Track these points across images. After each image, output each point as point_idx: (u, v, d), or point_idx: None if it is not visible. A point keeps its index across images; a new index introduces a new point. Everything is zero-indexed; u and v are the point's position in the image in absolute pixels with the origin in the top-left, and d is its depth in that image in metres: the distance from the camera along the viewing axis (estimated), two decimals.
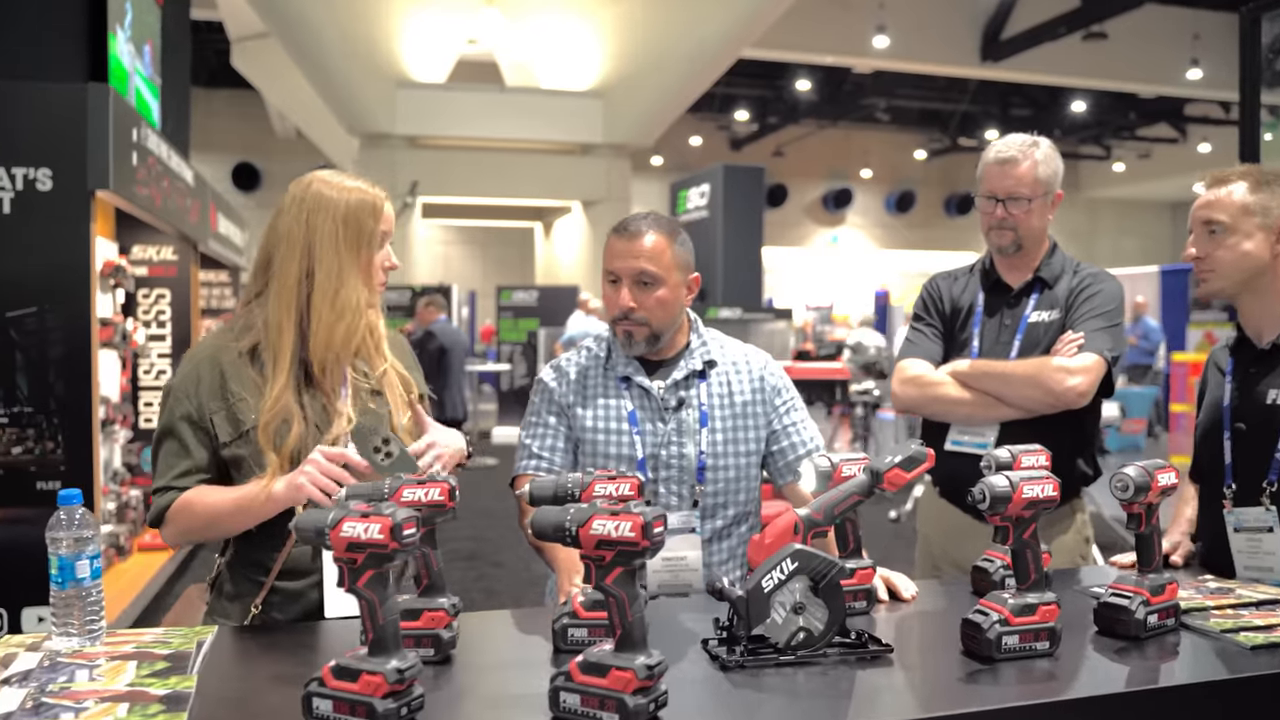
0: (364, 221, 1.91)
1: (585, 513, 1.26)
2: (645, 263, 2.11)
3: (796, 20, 14.68)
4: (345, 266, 1.89)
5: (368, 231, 1.91)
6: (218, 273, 8.56)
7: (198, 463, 1.88)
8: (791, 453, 2.22)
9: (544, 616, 1.76)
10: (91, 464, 4.50)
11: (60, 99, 4.40)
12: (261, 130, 20.89)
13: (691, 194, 11.72)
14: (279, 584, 1.88)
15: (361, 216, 1.91)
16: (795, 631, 1.53)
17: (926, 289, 2.74)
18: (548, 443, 2.20)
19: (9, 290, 4.33)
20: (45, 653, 1.47)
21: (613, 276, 2.16)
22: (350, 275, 1.90)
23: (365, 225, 1.91)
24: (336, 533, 1.23)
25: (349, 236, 1.90)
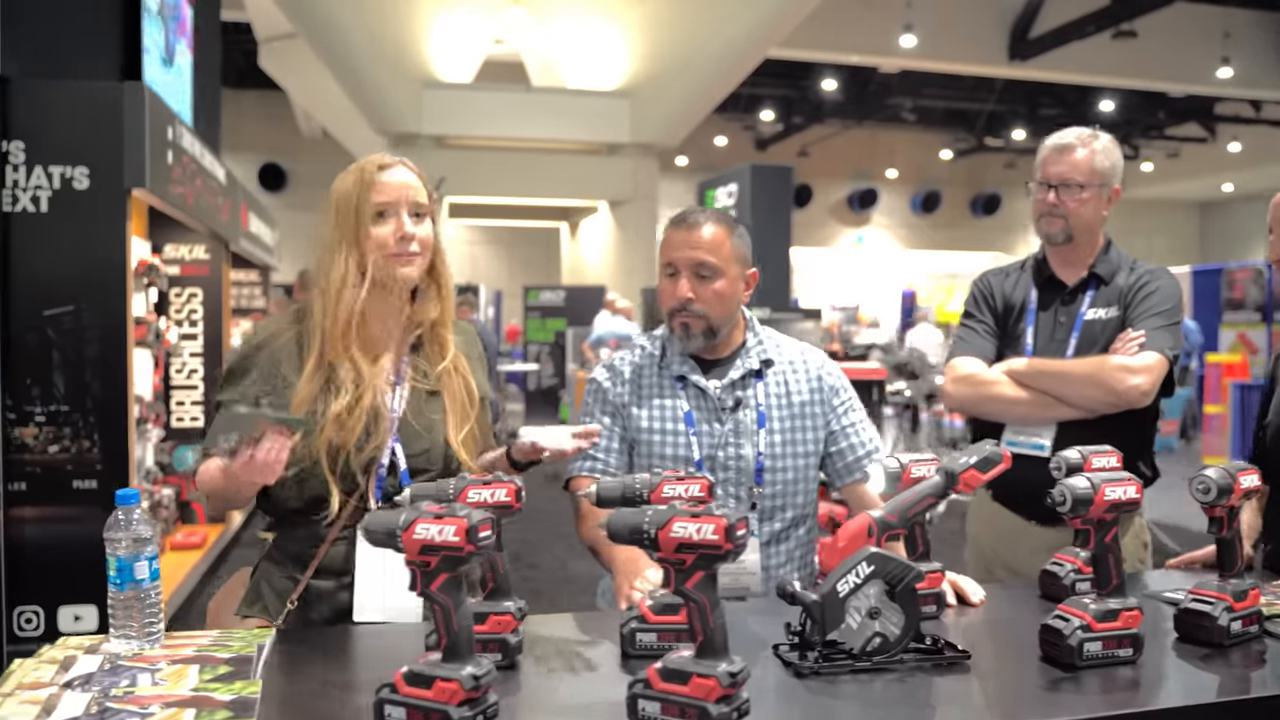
0: (349, 195, 1.86)
1: (665, 515, 1.22)
2: (704, 253, 2.07)
3: (823, 20, 14.59)
4: (334, 245, 1.86)
5: (353, 204, 1.86)
6: (248, 272, 8.57)
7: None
8: (851, 454, 2.17)
9: (606, 619, 1.72)
10: (127, 463, 4.50)
11: (97, 97, 4.40)
12: (288, 131, 20.96)
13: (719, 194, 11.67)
14: (313, 581, 1.86)
15: (349, 193, 1.87)
16: (870, 637, 1.49)
17: (977, 285, 2.69)
18: (602, 444, 2.16)
19: (46, 289, 4.34)
20: (105, 655, 1.43)
21: (670, 268, 2.11)
22: (339, 253, 1.85)
23: (351, 199, 1.86)
24: (409, 534, 1.19)
25: (340, 217, 1.87)
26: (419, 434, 1.89)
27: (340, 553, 1.85)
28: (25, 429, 4.38)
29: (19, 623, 4.33)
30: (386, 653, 1.61)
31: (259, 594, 1.91)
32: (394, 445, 1.86)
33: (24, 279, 4.31)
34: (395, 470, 1.86)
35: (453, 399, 1.93)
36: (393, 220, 1.87)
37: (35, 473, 4.37)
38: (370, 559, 1.82)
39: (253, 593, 1.92)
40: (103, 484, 4.45)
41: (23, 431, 4.37)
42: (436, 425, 1.91)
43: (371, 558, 1.82)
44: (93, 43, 5.16)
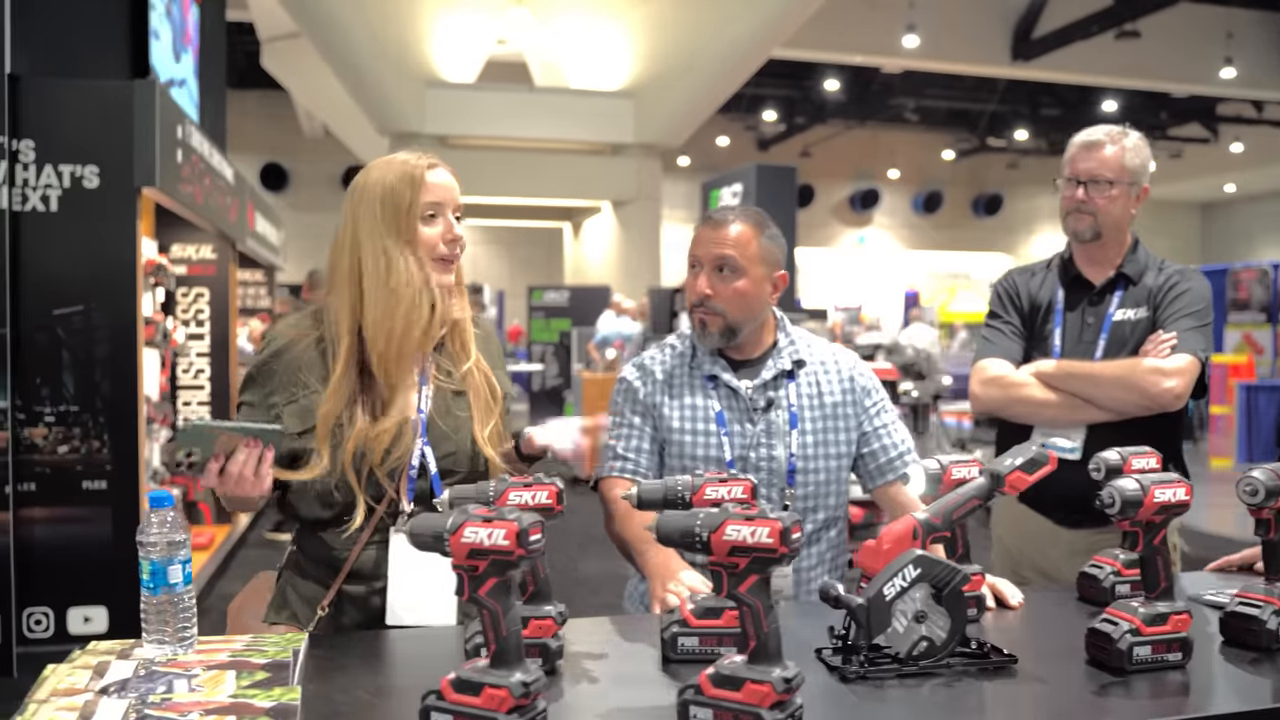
0: (401, 194, 1.81)
1: (718, 517, 1.19)
2: (728, 250, 2.05)
3: (826, 20, 14.57)
4: (389, 245, 1.80)
5: (406, 203, 1.81)
6: (253, 272, 8.54)
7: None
8: (883, 455, 2.15)
9: (643, 623, 1.69)
10: (137, 464, 4.48)
11: (107, 96, 4.38)
12: (289, 131, 20.94)
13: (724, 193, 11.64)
14: (345, 586, 1.83)
15: (399, 190, 1.81)
16: (917, 641, 1.46)
17: (1002, 285, 2.66)
18: (633, 444, 2.14)
19: (56, 288, 4.32)
20: (138, 661, 1.41)
21: (693, 262, 2.10)
22: (397, 253, 1.80)
23: (403, 198, 1.81)
24: (457, 538, 1.17)
25: (387, 214, 1.81)
26: (446, 435, 1.86)
27: (371, 557, 1.82)
28: (35, 429, 4.35)
29: (28, 624, 4.30)
30: (423, 657, 1.59)
31: (285, 600, 1.88)
32: (424, 448, 1.83)
33: (34, 278, 4.29)
34: (425, 473, 1.83)
35: (477, 397, 1.90)
36: (441, 222, 1.85)
37: (45, 473, 4.35)
38: (403, 563, 1.80)
39: (279, 599, 1.89)
40: (112, 485, 4.42)
41: (32, 432, 4.35)
42: (463, 425, 1.88)
43: (405, 561, 1.80)
44: (102, 41, 5.14)
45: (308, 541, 1.88)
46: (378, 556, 1.82)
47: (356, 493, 1.77)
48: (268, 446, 1.61)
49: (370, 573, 1.82)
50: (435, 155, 1.89)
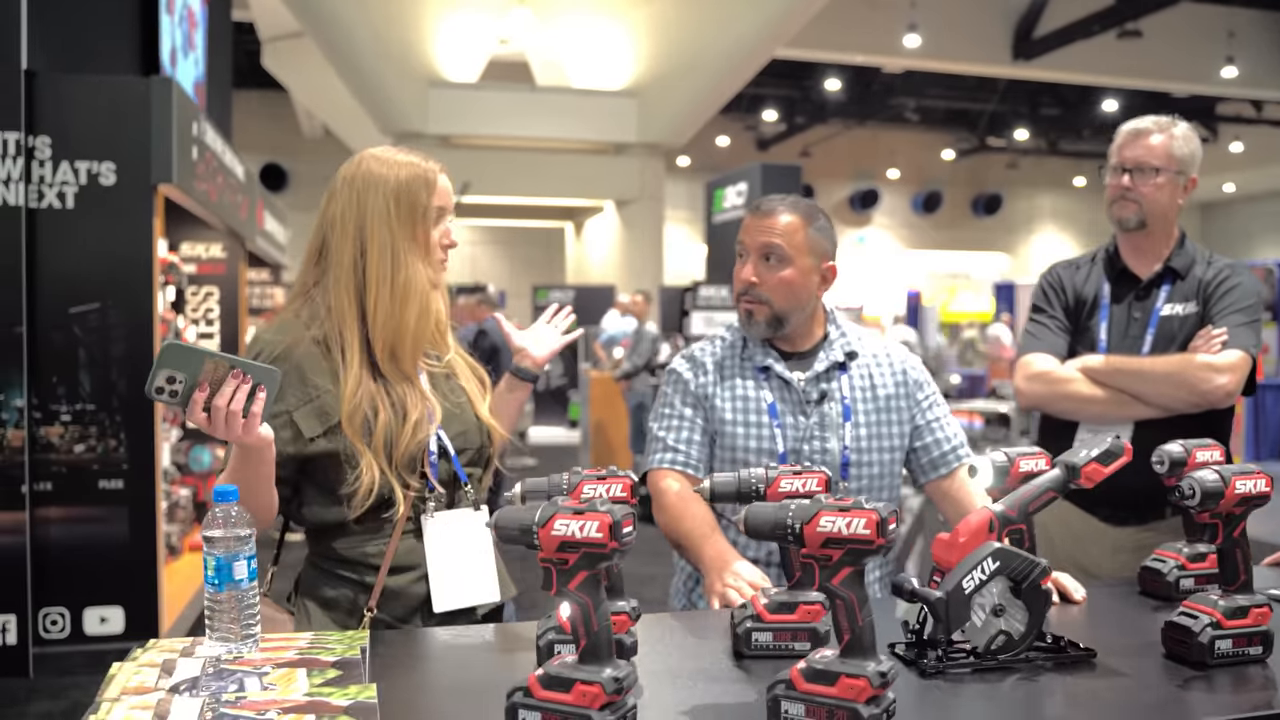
0: (417, 196, 1.80)
1: (811, 508, 1.17)
2: (775, 238, 2.03)
3: (827, 20, 14.54)
4: (400, 245, 1.78)
5: (421, 206, 1.80)
6: (260, 271, 8.51)
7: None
8: (936, 449, 2.12)
9: (710, 619, 1.67)
10: (153, 463, 4.45)
11: (123, 92, 4.36)
12: (289, 131, 20.89)
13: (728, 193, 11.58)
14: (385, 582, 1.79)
15: (414, 190, 1.80)
16: (995, 635, 1.44)
17: (1046, 279, 2.64)
18: (684, 435, 2.11)
19: (72, 286, 4.30)
20: (205, 659, 1.38)
21: (740, 250, 2.08)
22: (407, 254, 1.79)
23: (419, 200, 1.80)
24: (547, 531, 1.14)
25: (402, 213, 1.79)
26: (454, 415, 1.86)
27: (407, 547, 1.80)
28: (51, 428, 4.32)
29: (44, 624, 4.27)
30: (492, 651, 1.57)
31: (307, 615, 1.80)
32: (439, 432, 1.83)
33: (50, 276, 4.26)
34: (445, 455, 1.83)
35: (466, 377, 1.93)
36: (442, 225, 1.85)
37: (61, 473, 4.33)
38: (440, 548, 1.79)
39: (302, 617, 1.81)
40: (129, 484, 4.40)
41: (48, 431, 4.32)
42: (465, 404, 1.89)
43: (441, 546, 1.79)
44: (114, 37, 5.12)
45: (326, 549, 1.81)
46: (410, 546, 1.80)
47: (393, 485, 1.75)
48: (259, 385, 1.48)
49: (406, 564, 1.80)
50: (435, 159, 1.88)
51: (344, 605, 1.80)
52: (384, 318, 1.77)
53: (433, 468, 1.80)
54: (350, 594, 1.80)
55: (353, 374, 1.75)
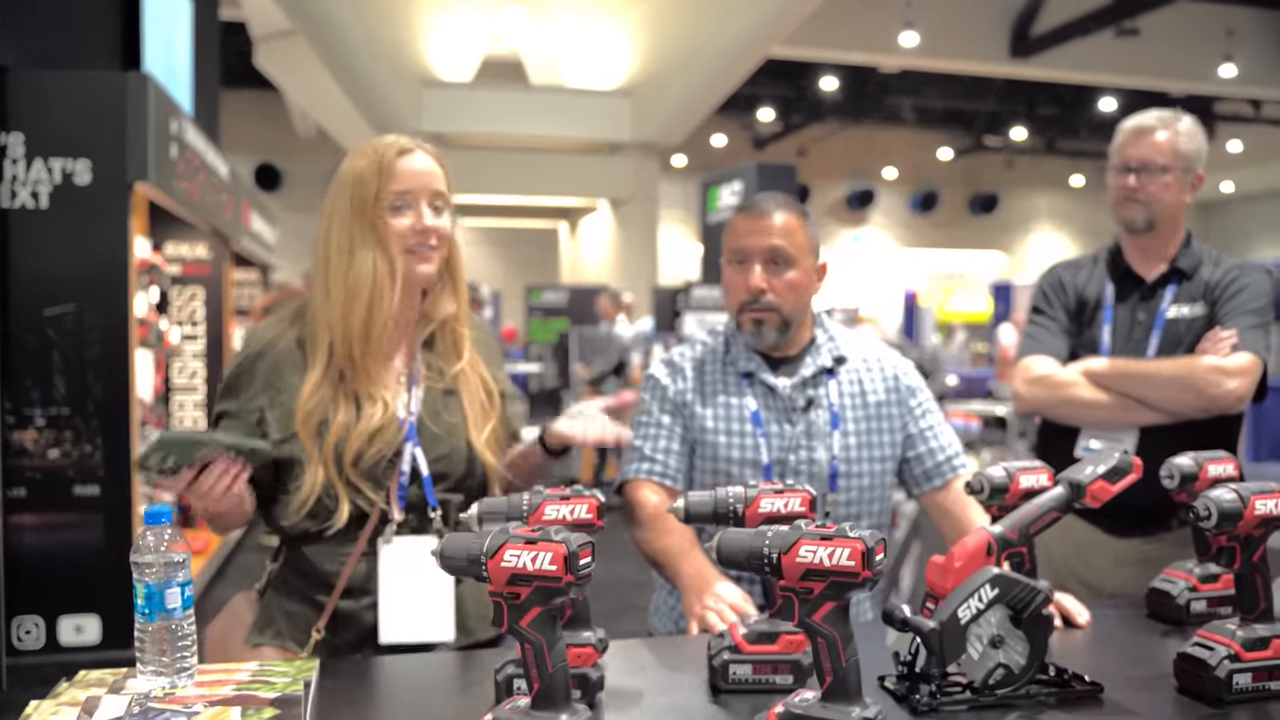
0: (367, 183, 1.69)
1: (789, 536, 1.06)
2: (777, 240, 1.91)
3: (823, 18, 14.42)
4: (355, 239, 1.69)
5: (371, 193, 1.69)
6: (249, 271, 8.39)
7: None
8: (930, 459, 2.01)
9: (685, 647, 1.55)
10: (130, 468, 4.33)
11: (98, 88, 4.24)
12: (282, 131, 20.74)
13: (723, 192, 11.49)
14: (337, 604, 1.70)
15: (365, 179, 1.69)
16: (993, 668, 1.33)
17: (1046, 280, 2.53)
18: (661, 444, 1.99)
19: (46, 287, 4.19)
20: (132, 695, 1.26)
21: (739, 256, 1.95)
22: (360, 246, 1.68)
23: (368, 188, 1.69)
24: (496, 562, 1.03)
25: (353, 205, 1.70)
26: (439, 437, 1.74)
27: (362, 571, 1.69)
28: (25, 433, 4.21)
29: (18, 634, 4.16)
30: (447, 688, 1.45)
31: (270, 619, 1.74)
32: (414, 451, 1.71)
33: (24, 277, 4.15)
34: (417, 478, 1.71)
35: (471, 398, 1.78)
36: (411, 213, 1.71)
37: (35, 478, 4.22)
38: (394, 576, 1.68)
39: (263, 618, 1.75)
40: (105, 490, 4.29)
41: (22, 435, 4.21)
42: (456, 427, 1.76)
43: (395, 574, 1.68)
44: (93, 31, 5.00)
45: (295, 557, 1.75)
46: (369, 569, 1.69)
47: (339, 494, 1.65)
48: (245, 465, 1.50)
49: (361, 587, 1.70)
50: (421, 140, 1.75)
51: (299, 621, 1.72)
52: (338, 315, 1.69)
53: (401, 489, 1.70)
54: (306, 610, 1.72)
55: (315, 374, 1.68)
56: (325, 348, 1.70)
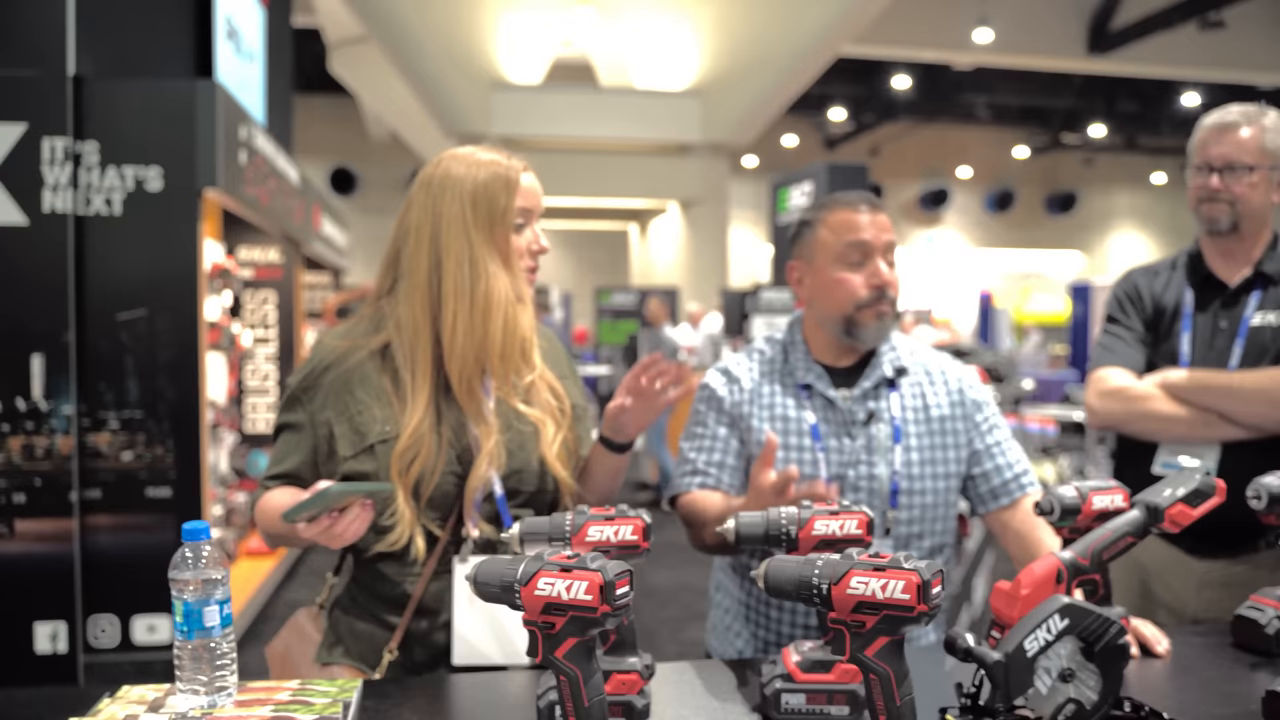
0: (495, 198, 1.64)
1: (840, 566, 1.00)
2: (892, 236, 1.88)
3: (895, 15, 14.22)
4: (478, 252, 1.63)
5: (500, 209, 1.65)
6: (320, 274, 8.50)
7: (291, 467, 1.68)
8: (997, 476, 1.92)
9: (737, 672, 1.50)
10: (200, 470, 4.39)
11: (168, 96, 4.30)
12: (357, 135, 21.05)
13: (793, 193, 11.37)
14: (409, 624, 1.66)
15: (493, 192, 1.65)
16: (1063, 704, 1.25)
17: (1122, 286, 2.42)
18: (715, 457, 1.93)
19: (119, 292, 4.26)
20: (171, 715, 1.25)
21: (858, 253, 1.86)
22: (487, 262, 1.63)
23: (497, 202, 1.64)
24: (530, 590, 0.99)
25: (479, 218, 1.64)
26: (512, 453, 1.68)
27: (434, 590, 1.66)
28: (100, 435, 4.29)
29: (95, 632, 4.24)
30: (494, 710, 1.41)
31: (339, 636, 1.71)
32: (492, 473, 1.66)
33: (98, 283, 4.23)
34: (490, 495, 1.66)
35: (543, 411, 1.73)
36: (529, 230, 1.70)
37: (110, 480, 4.29)
38: (469, 596, 1.62)
39: (331, 635, 1.73)
40: (176, 492, 4.35)
41: (97, 438, 4.28)
42: (529, 441, 1.70)
43: (470, 594, 1.61)
44: (166, 41, 5.08)
45: (363, 575, 1.71)
46: (441, 589, 1.65)
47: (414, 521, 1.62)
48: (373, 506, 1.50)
49: (434, 607, 1.66)
50: (521, 156, 1.71)
51: (369, 640, 1.68)
52: (463, 335, 1.63)
53: (476, 506, 1.65)
54: (375, 630, 1.68)
55: (420, 403, 1.62)
56: (430, 370, 1.65)
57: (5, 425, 4.12)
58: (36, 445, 4.15)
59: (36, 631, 4.14)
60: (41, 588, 4.15)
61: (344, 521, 1.43)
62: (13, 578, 4.11)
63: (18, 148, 4.07)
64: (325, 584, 1.80)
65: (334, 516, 1.42)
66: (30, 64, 4.15)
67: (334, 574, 1.79)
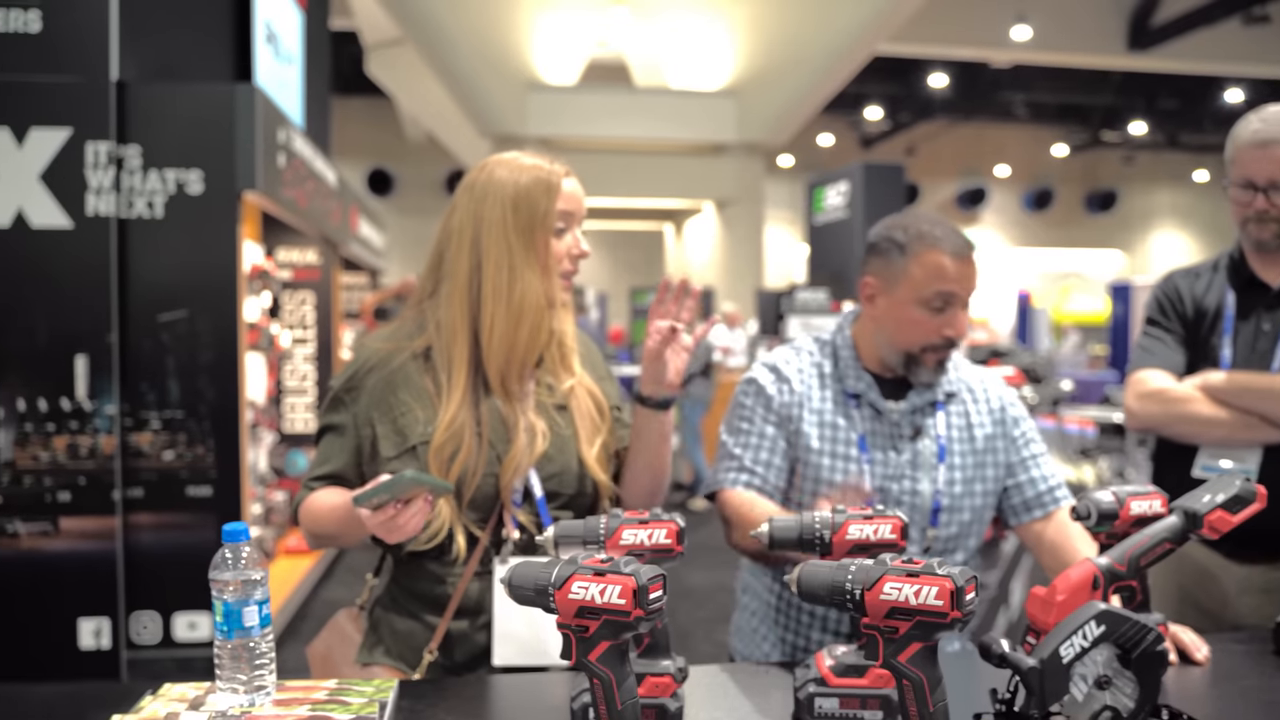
0: (536, 202, 1.66)
1: (874, 572, 1.00)
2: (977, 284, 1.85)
3: (932, 13, 14.12)
4: (517, 256, 1.65)
5: (540, 213, 1.66)
6: (357, 275, 8.57)
7: (335, 468, 1.70)
8: (1031, 489, 1.92)
9: (770, 675, 1.50)
10: (239, 470, 4.44)
11: (207, 100, 4.36)
12: (394, 136, 21.20)
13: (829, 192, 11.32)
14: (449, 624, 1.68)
15: (534, 197, 1.66)
16: (1099, 711, 1.24)
17: (1162, 288, 2.39)
18: (763, 456, 1.91)
19: (161, 294, 4.32)
20: (210, 714, 1.27)
21: (943, 300, 1.83)
22: (524, 267, 1.65)
23: (538, 206, 1.66)
24: (564, 594, 0.99)
25: (519, 222, 1.65)
26: (551, 455, 1.70)
27: (474, 590, 1.67)
28: (141, 435, 4.35)
29: (136, 629, 4.31)
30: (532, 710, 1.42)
31: (379, 637, 1.73)
32: (529, 470, 1.68)
33: (140, 284, 4.29)
34: (530, 496, 1.67)
35: (581, 414, 1.74)
36: (569, 235, 1.71)
37: (151, 479, 4.35)
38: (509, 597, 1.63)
39: (372, 636, 1.75)
40: (216, 491, 4.41)
41: (139, 438, 4.34)
42: (568, 443, 1.72)
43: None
44: (207, 45, 5.14)
45: (403, 575, 1.73)
46: (481, 589, 1.67)
47: (456, 521, 1.64)
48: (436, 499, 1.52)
49: (474, 607, 1.67)
50: (564, 162, 1.72)
51: (409, 640, 1.70)
52: (498, 337, 1.66)
53: (515, 506, 1.67)
54: (416, 629, 1.70)
55: (455, 401, 1.65)
56: (466, 369, 1.67)
57: (50, 425, 4.19)
58: (80, 444, 4.22)
59: (81, 627, 4.21)
60: (85, 585, 4.22)
61: (407, 513, 1.44)
62: (58, 574, 4.19)
63: (62, 152, 4.15)
64: (365, 585, 1.82)
65: (398, 507, 1.43)
66: (75, 70, 4.22)
67: (374, 575, 1.81)
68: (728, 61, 14.77)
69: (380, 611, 1.76)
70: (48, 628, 4.19)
